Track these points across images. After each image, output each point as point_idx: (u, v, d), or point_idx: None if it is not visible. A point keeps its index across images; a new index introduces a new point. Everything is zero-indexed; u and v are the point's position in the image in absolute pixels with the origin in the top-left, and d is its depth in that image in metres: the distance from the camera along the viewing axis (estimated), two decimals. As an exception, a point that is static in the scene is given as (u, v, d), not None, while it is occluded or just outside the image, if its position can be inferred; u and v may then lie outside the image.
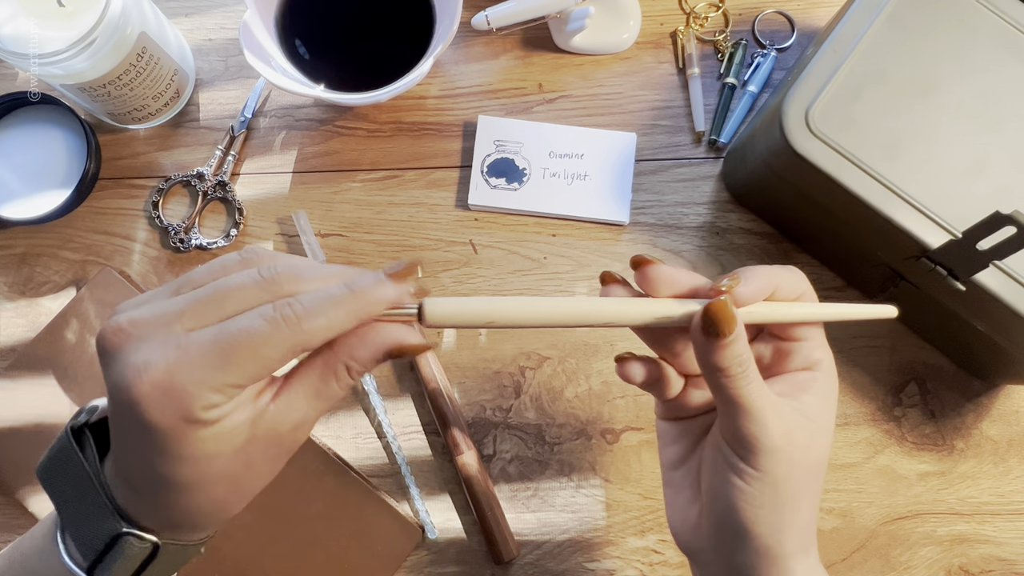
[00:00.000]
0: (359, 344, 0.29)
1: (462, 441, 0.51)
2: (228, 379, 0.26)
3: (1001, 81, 0.46)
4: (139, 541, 0.30)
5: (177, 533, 0.31)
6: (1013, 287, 0.43)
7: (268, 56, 0.52)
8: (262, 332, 0.26)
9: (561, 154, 0.56)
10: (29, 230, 0.56)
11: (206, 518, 0.31)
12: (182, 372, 0.26)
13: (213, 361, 0.26)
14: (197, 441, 0.27)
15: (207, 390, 0.26)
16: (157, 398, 0.26)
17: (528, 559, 0.52)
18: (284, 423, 0.29)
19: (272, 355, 0.27)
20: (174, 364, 0.26)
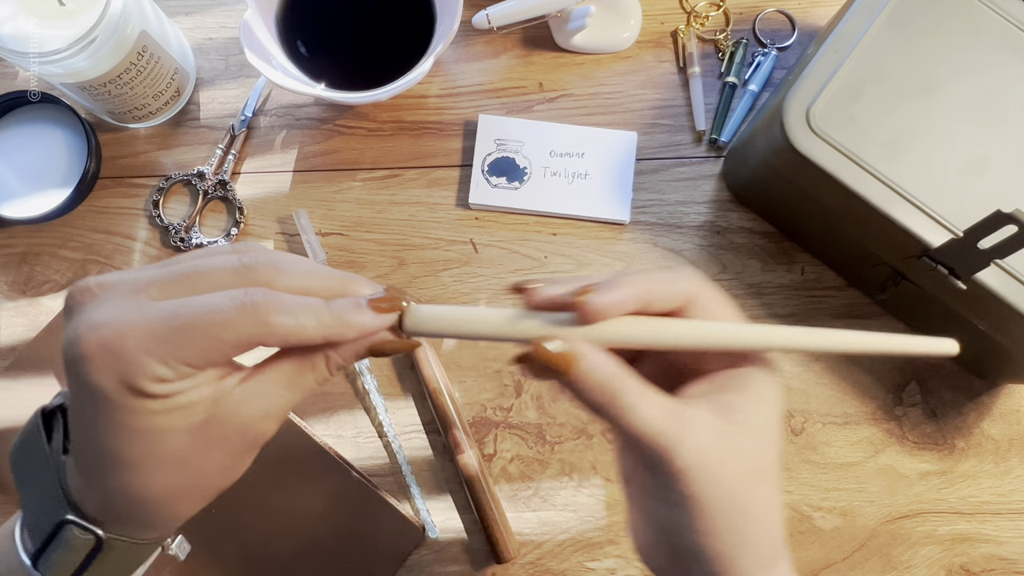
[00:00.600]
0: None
1: (463, 440, 0.51)
2: (178, 353, 0.25)
3: (1002, 79, 0.46)
4: (81, 532, 0.28)
5: (124, 527, 0.29)
6: (1014, 286, 0.43)
7: (269, 55, 0.52)
8: (223, 312, 0.25)
9: (562, 153, 0.56)
10: (29, 229, 0.56)
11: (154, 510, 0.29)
12: (133, 336, 0.25)
13: (166, 332, 0.25)
14: (144, 413, 0.25)
15: (155, 360, 0.25)
16: (102, 358, 0.25)
17: (529, 558, 0.52)
18: (249, 410, 0.27)
19: (228, 338, 0.25)
20: (127, 326, 0.25)
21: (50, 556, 0.28)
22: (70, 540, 0.28)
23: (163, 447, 0.26)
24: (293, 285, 0.27)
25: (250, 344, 0.26)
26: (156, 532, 0.30)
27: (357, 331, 0.27)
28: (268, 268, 0.27)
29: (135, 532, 0.29)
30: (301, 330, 0.26)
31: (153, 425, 0.26)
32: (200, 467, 0.28)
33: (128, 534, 0.29)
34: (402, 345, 0.28)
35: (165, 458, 0.27)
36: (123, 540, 0.29)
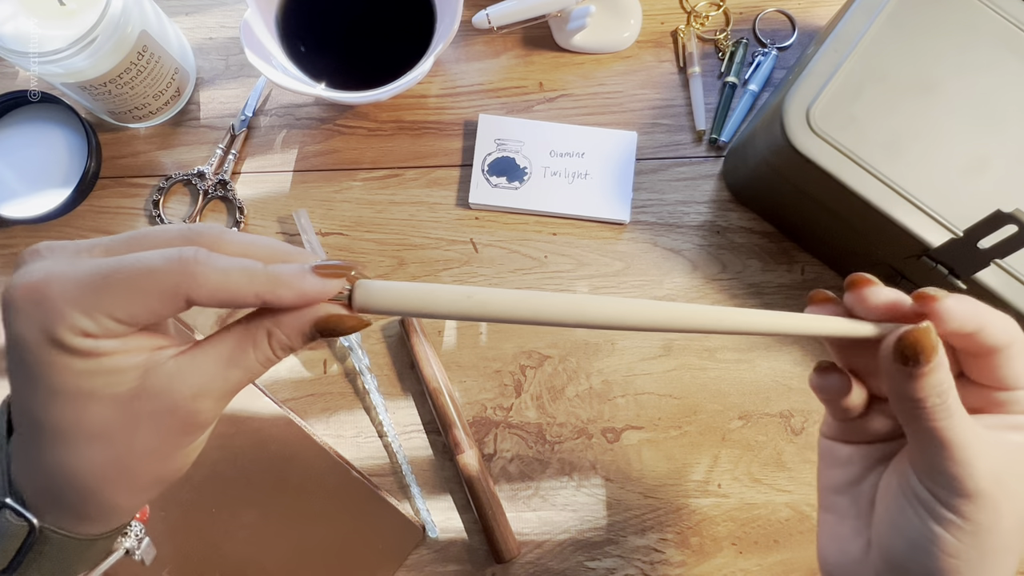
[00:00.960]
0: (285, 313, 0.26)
1: (463, 440, 0.51)
2: (101, 304, 0.24)
3: (1002, 79, 0.46)
4: (16, 517, 0.27)
5: (61, 516, 0.27)
6: (1014, 286, 0.43)
7: (269, 55, 0.52)
8: (151, 264, 0.24)
9: (562, 153, 0.56)
10: (30, 229, 0.56)
11: (85, 493, 0.27)
12: (59, 284, 0.24)
13: (94, 281, 0.24)
14: (66, 371, 0.24)
15: (77, 311, 0.24)
16: (24, 306, 0.24)
17: (529, 558, 0.52)
18: (183, 384, 0.25)
19: (153, 290, 0.24)
20: (54, 276, 0.24)
21: None
22: (5, 526, 0.27)
23: (87, 416, 0.25)
24: (235, 252, 0.26)
25: (176, 298, 0.24)
26: (93, 524, 0.28)
27: (295, 293, 0.25)
28: (211, 234, 0.26)
29: (71, 523, 0.28)
30: (231, 288, 0.24)
31: (76, 387, 0.25)
32: (129, 445, 0.26)
33: (66, 526, 0.28)
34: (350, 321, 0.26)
35: (90, 429, 0.25)
36: (58, 532, 0.28)
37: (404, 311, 0.26)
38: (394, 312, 0.26)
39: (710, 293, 0.55)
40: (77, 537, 0.28)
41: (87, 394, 0.25)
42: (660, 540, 0.52)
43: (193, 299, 0.24)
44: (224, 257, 0.25)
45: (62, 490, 0.27)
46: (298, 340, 0.26)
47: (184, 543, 0.49)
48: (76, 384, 0.25)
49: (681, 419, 0.54)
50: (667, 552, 0.52)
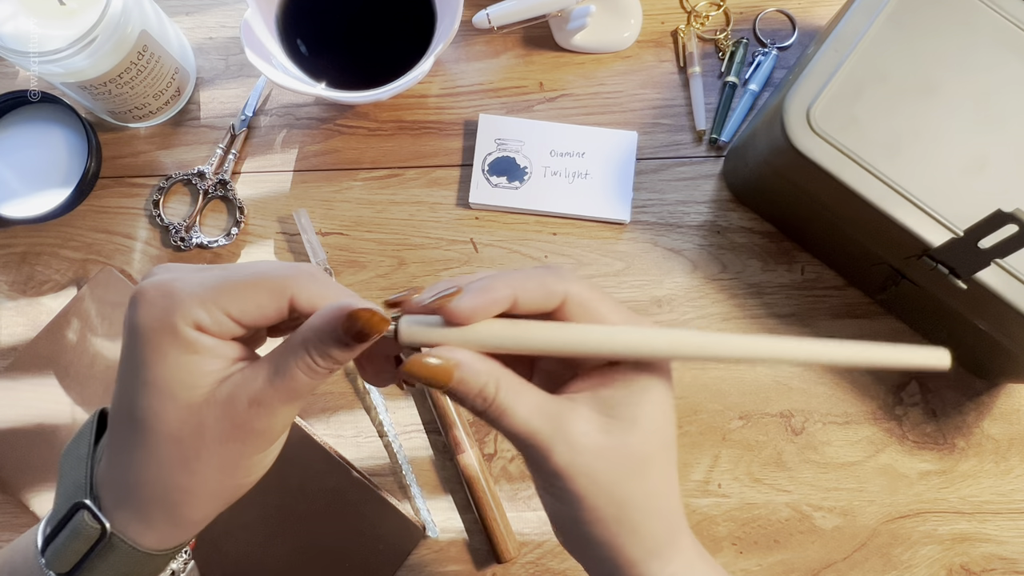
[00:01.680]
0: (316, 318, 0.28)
1: (463, 440, 0.51)
2: (218, 299, 0.27)
3: (1002, 79, 0.46)
4: (91, 519, 0.29)
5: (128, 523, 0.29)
6: (1015, 285, 0.43)
7: (269, 54, 0.52)
8: (264, 273, 0.28)
9: (562, 153, 0.56)
10: (30, 229, 0.56)
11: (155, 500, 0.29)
12: (185, 283, 0.28)
13: (211, 281, 0.28)
14: (164, 363, 0.27)
15: (195, 302, 0.27)
16: (152, 298, 0.27)
17: (529, 558, 0.52)
18: (241, 393, 0.28)
19: (264, 287, 0.28)
20: (182, 277, 0.28)
21: (59, 542, 0.29)
22: (78, 526, 0.29)
23: (166, 414, 0.27)
24: None
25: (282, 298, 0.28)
26: (156, 536, 0.30)
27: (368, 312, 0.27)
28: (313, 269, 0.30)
29: (137, 531, 0.29)
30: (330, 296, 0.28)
31: (165, 382, 0.27)
32: (196, 450, 0.28)
33: (131, 535, 0.29)
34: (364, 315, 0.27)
35: (167, 429, 0.28)
36: (125, 541, 0.29)
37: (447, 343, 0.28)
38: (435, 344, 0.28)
39: (710, 293, 0.55)
40: (139, 549, 0.29)
41: (169, 393, 0.27)
42: (660, 540, 0.52)
43: (296, 301, 0.28)
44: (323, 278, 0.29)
45: (136, 490, 0.29)
46: (332, 346, 0.28)
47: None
48: (164, 380, 0.27)
49: (681, 419, 0.54)
50: (667, 552, 0.52)
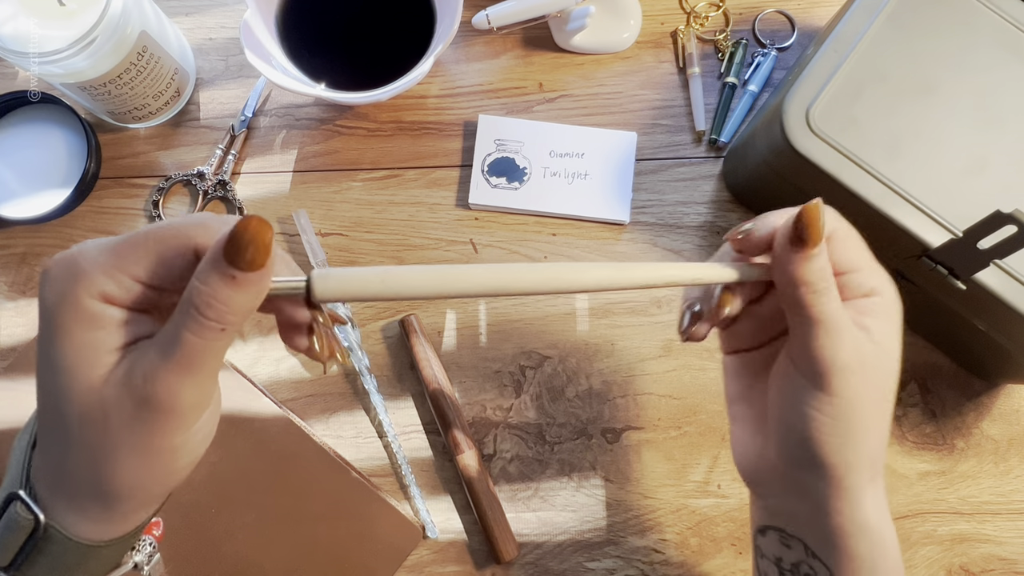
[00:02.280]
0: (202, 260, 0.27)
1: (463, 440, 0.51)
2: (122, 263, 0.26)
3: (1001, 80, 0.46)
4: (24, 510, 0.27)
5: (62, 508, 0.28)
6: (1014, 286, 0.43)
7: (269, 55, 0.52)
8: (167, 223, 0.27)
9: (562, 153, 0.56)
10: (29, 229, 0.56)
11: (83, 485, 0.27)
12: (87, 253, 0.26)
13: (113, 245, 0.26)
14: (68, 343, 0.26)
15: (99, 271, 0.26)
16: (55, 274, 0.26)
17: (528, 559, 0.52)
18: (137, 367, 0.26)
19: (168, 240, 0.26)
20: (85, 248, 0.27)
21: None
22: (13, 517, 0.28)
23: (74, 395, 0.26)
24: None
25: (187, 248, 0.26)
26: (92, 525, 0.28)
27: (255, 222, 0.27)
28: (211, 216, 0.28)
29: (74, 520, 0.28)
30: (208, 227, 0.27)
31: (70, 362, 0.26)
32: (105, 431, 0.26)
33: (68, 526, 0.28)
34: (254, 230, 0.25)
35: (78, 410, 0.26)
36: (61, 532, 0.28)
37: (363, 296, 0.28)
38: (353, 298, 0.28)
39: (710, 293, 0.55)
40: (77, 540, 0.28)
41: (73, 372, 0.26)
42: (660, 541, 0.52)
43: (201, 248, 0.26)
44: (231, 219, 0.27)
45: (65, 479, 0.27)
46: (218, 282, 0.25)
47: (184, 543, 0.49)
48: (67, 360, 0.26)
49: (681, 419, 0.54)
50: (667, 552, 0.52)
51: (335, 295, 0.27)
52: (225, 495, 0.50)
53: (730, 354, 0.39)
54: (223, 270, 0.25)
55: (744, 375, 0.38)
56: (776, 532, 0.36)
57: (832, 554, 0.33)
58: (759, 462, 0.36)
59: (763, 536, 0.38)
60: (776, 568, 0.37)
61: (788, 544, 0.36)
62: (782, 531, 0.36)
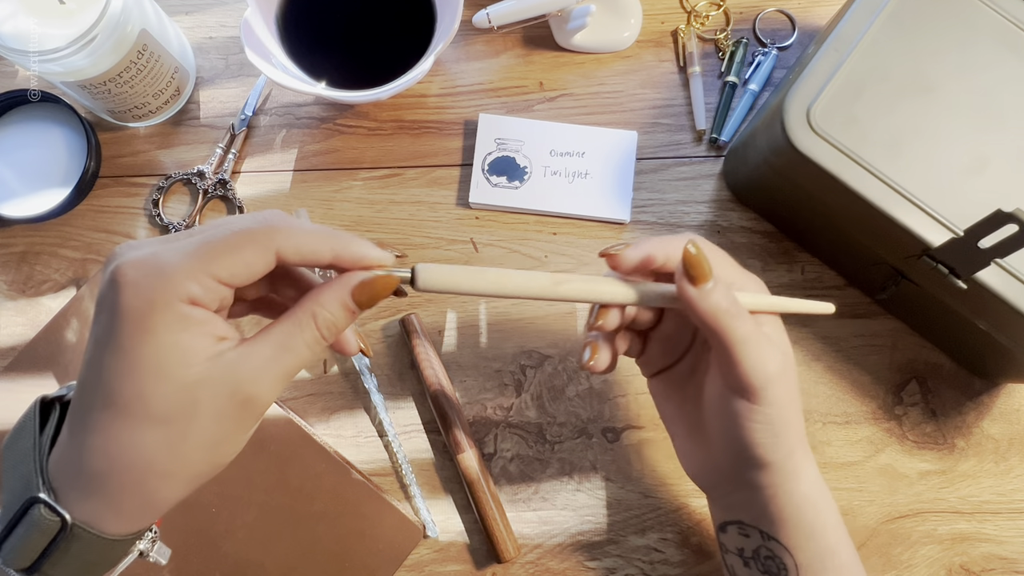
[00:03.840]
0: (324, 289, 0.30)
1: (463, 440, 0.51)
2: (207, 267, 0.27)
3: (1002, 79, 0.46)
4: (49, 512, 0.28)
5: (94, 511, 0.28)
6: (1015, 285, 0.43)
7: (269, 54, 0.52)
8: (245, 225, 0.28)
9: (562, 152, 0.56)
10: (29, 228, 0.56)
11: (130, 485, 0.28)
12: (166, 256, 0.27)
13: (195, 249, 0.27)
14: (155, 345, 0.26)
15: (185, 276, 0.26)
16: (136, 279, 0.26)
17: (529, 558, 0.52)
18: (241, 371, 0.28)
19: (249, 245, 0.27)
20: (160, 251, 0.27)
21: (14, 539, 0.28)
22: (36, 520, 0.28)
23: (157, 395, 0.27)
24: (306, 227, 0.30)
25: (268, 251, 0.28)
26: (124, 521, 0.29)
27: (360, 254, 0.30)
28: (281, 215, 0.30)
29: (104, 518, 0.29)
30: (312, 241, 0.28)
31: (156, 363, 0.27)
32: (185, 431, 0.28)
33: (96, 523, 0.28)
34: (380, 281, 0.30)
35: (156, 410, 0.27)
36: (89, 531, 0.28)
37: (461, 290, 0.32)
38: (452, 291, 0.32)
39: (710, 293, 0.55)
40: (104, 536, 0.29)
41: (160, 373, 0.27)
42: (660, 540, 0.52)
43: (282, 253, 0.28)
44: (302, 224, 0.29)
45: (108, 477, 0.28)
46: (340, 312, 0.30)
47: (184, 543, 0.49)
48: (154, 360, 0.27)
49: (681, 419, 0.54)
50: (667, 552, 0.52)
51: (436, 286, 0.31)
52: (225, 494, 0.50)
53: (652, 377, 0.43)
54: (348, 305, 0.30)
55: (672, 395, 0.42)
56: (735, 525, 0.41)
57: (782, 530, 0.38)
58: (708, 470, 0.41)
59: (724, 533, 0.42)
60: (740, 559, 0.41)
61: (747, 534, 0.40)
62: (740, 523, 0.41)
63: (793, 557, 0.39)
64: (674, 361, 0.42)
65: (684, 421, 0.42)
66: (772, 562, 0.40)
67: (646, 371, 0.44)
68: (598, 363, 0.38)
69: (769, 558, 0.40)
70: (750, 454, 0.37)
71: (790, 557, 0.39)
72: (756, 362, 0.35)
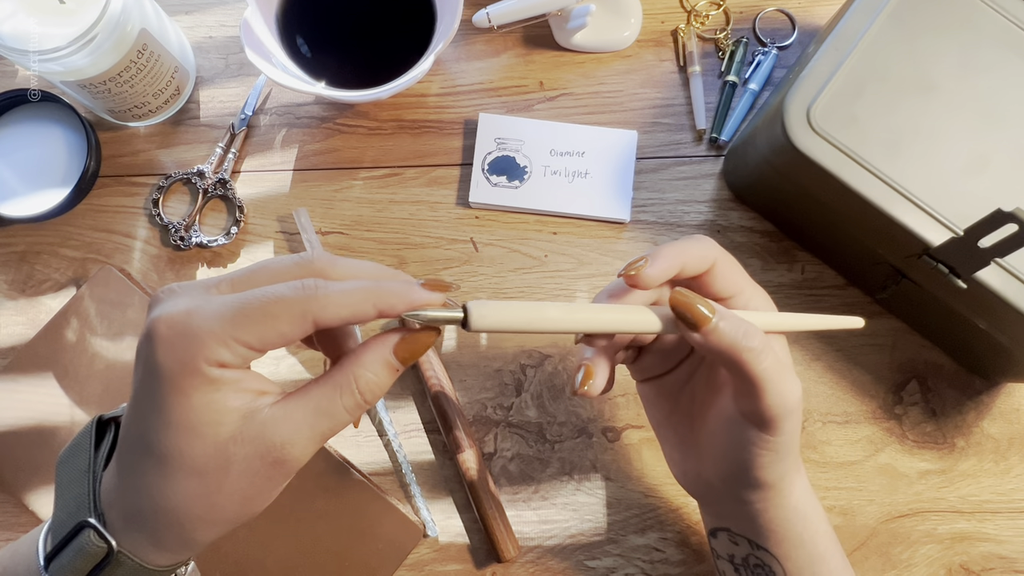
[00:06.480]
0: (364, 350, 0.29)
1: (463, 439, 0.51)
2: (238, 334, 0.26)
3: (1003, 78, 0.46)
4: (97, 538, 0.29)
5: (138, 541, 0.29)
6: (1015, 285, 0.43)
7: (269, 53, 0.52)
8: (279, 294, 0.27)
9: (562, 152, 0.56)
10: (29, 228, 0.56)
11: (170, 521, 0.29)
12: (199, 318, 0.27)
13: (229, 314, 0.27)
14: (187, 405, 0.27)
15: (215, 341, 0.26)
16: (169, 337, 0.27)
17: (529, 557, 0.52)
18: (274, 432, 0.28)
19: (284, 315, 0.27)
20: (194, 310, 0.27)
21: (63, 559, 0.29)
22: (84, 545, 0.29)
23: (191, 451, 0.27)
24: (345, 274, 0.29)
25: (304, 321, 0.27)
26: (165, 555, 0.30)
27: (406, 303, 0.28)
28: (324, 260, 0.29)
29: (146, 551, 0.30)
30: (351, 302, 0.27)
31: (188, 421, 0.27)
32: (219, 484, 0.28)
33: (140, 554, 0.29)
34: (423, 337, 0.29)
35: (191, 464, 0.28)
36: (132, 559, 0.29)
37: (515, 329, 0.30)
38: (504, 330, 0.29)
39: (710, 292, 0.55)
40: (147, 566, 0.30)
41: (194, 431, 0.27)
42: (660, 539, 0.52)
43: (319, 320, 0.27)
44: (340, 283, 0.28)
45: (150, 516, 0.29)
46: (383, 372, 0.29)
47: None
48: (188, 419, 0.27)
49: (681, 418, 0.54)
50: (667, 551, 0.52)
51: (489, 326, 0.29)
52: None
53: (643, 382, 0.43)
54: (392, 364, 0.29)
55: (662, 402, 0.42)
56: (725, 532, 0.41)
57: (770, 539, 0.39)
58: (697, 480, 0.41)
59: (715, 538, 0.42)
60: (730, 564, 0.42)
61: (736, 542, 0.41)
62: (729, 531, 0.41)
63: (782, 566, 0.39)
64: (668, 370, 0.41)
65: (674, 430, 0.41)
66: (762, 570, 0.40)
67: (637, 376, 0.43)
68: (592, 389, 0.35)
69: (758, 566, 0.40)
70: (749, 476, 0.36)
71: (779, 566, 0.39)
72: (778, 396, 0.33)
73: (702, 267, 0.35)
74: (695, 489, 0.42)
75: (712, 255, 0.36)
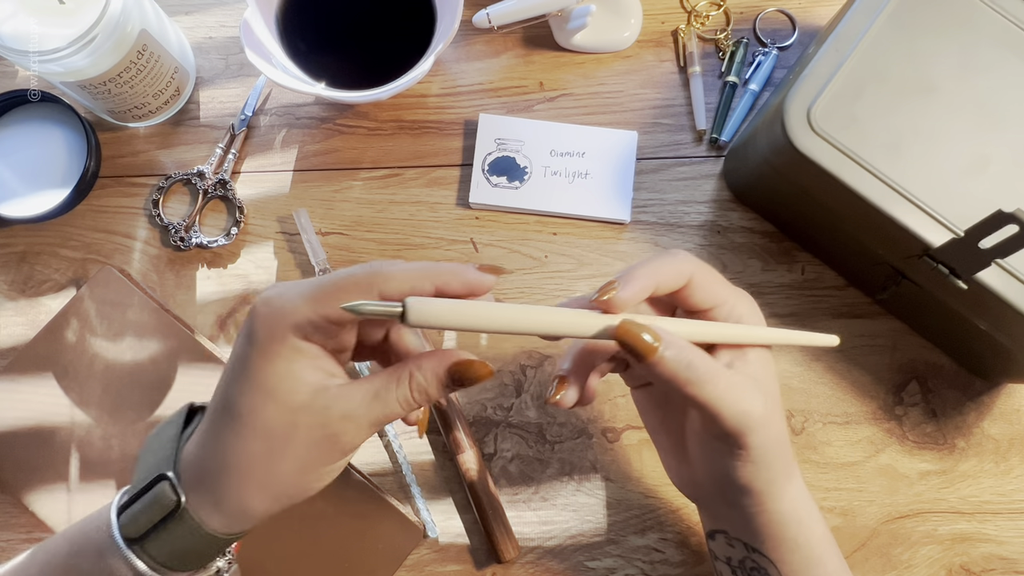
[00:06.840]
0: (426, 356, 0.33)
1: (463, 440, 0.51)
2: (317, 307, 0.30)
3: (1003, 79, 0.46)
4: (171, 490, 0.32)
5: (203, 500, 0.32)
6: (1015, 285, 0.43)
7: (269, 54, 0.52)
8: (349, 272, 0.31)
9: (562, 152, 0.56)
10: (29, 228, 0.56)
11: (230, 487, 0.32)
12: (287, 296, 0.31)
13: (309, 292, 0.31)
14: (270, 370, 0.31)
15: (298, 314, 0.31)
16: (264, 312, 0.31)
17: (529, 558, 0.52)
18: (336, 406, 0.31)
19: (354, 287, 0.30)
20: (284, 292, 0.32)
21: (136, 507, 0.32)
22: (158, 495, 0.32)
23: (264, 412, 0.31)
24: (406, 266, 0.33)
25: (371, 293, 0.31)
26: (221, 519, 0.33)
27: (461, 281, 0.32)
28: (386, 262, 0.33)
29: (208, 511, 0.32)
30: (412, 277, 0.31)
31: (268, 385, 0.31)
32: (281, 450, 0.31)
33: (201, 514, 0.32)
34: (479, 368, 0.32)
35: (261, 424, 0.31)
36: (193, 518, 0.32)
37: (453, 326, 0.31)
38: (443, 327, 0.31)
39: (710, 293, 0.55)
40: (204, 528, 0.32)
41: (271, 394, 0.31)
42: (660, 540, 0.52)
43: (384, 293, 0.31)
44: (402, 262, 0.32)
45: (217, 475, 0.32)
46: (433, 383, 0.32)
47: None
48: (268, 382, 0.31)
49: (681, 419, 0.54)
50: (667, 552, 0.52)
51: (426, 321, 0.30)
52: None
53: (636, 389, 0.43)
54: (442, 378, 0.32)
55: (656, 408, 0.42)
56: (722, 535, 0.42)
57: (766, 543, 0.39)
58: (692, 484, 0.41)
59: (713, 540, 0.43)
60: (728, 567, 0.42)
61: (732, 544, 0.41)
62: (726, 533, 0.41)
63: (778, 569, 0.39)
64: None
65: (667, 436, 0.42)
66: (758, 573, 0.40)
67: (629, 383, 0.43)
68: (565, 399, 0.36)
69: (755, 569, 0.40)
70: (735, 484, 0.37)
71: (775, 569, 0.39)
72: (735, 417, 0.33)
73: (678, 283, 0.35)
74: (691, 492, 0.43)
75: (687, 270, 0.35)
